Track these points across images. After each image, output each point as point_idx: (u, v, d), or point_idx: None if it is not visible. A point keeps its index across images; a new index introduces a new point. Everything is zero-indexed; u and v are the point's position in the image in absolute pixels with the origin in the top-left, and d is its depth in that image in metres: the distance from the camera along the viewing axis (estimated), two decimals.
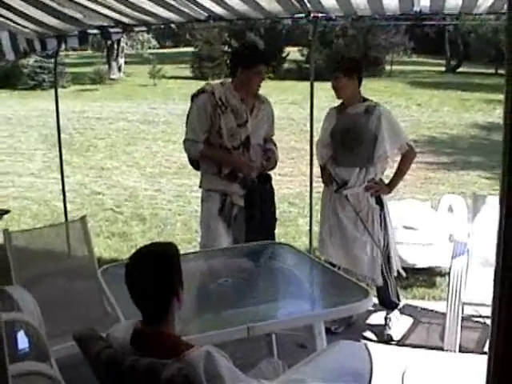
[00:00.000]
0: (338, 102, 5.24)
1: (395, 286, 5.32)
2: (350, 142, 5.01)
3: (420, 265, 6.43)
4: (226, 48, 34.96)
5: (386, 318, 5.33)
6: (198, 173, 5.19)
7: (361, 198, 5.07)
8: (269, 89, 22.69)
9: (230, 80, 5.04)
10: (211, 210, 5.02)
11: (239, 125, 4.89)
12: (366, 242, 5.06)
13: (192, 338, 2.82)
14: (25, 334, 4.05)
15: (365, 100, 5.14)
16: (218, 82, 5.21)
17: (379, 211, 5.10)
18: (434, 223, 6.66)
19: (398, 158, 5.19)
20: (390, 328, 5.25)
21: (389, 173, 5.28)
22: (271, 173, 5.25)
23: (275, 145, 5.28)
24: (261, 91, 5.19)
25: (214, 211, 4.99)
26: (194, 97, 5.03)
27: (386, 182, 5.20)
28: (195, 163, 5.18)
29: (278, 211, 5.54)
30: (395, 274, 5.26)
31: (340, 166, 5.11)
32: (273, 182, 5.28)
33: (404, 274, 5.42)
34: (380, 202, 5.12)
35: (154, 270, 2.50)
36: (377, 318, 5.43)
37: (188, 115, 5.05)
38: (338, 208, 5.13)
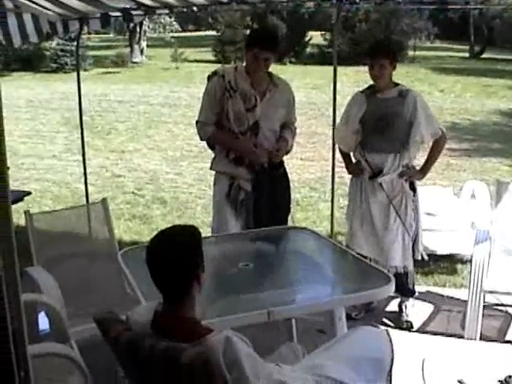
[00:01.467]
0: (360, 87, 5.18)
1: (414, 273, 5.28)
2: (384, 128, 4.91)
3: (441, 251, 6.39)
4: (247, 32, 34.83)
5: (400, 306, 5.32)
6: None
7: (395, 185, 5.00)
8: (291, 73, 22.66)
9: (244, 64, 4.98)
10: (220, 193, 4.99)
11: (248, 109, 4.81)
12: (398, 231, 5.01)
13: (212, 322, 2.82)
14: (45, 315, 4.07)
15: (396, 84, 5.06)
16: (232, 65, 5.15)
17: (412, 197, 5.05)
18: (456, 210, 6.61)
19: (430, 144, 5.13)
20: (407, 315, 5.24)
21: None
22: (289, 158, 5.19)
23: (293, 132, 5.15)
24: (283, 75, 5.14)
25: (223, 194, 4.96)
26: (208, 78, 5.02)
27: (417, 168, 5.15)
28: (211, 145, 5.16)
29: (299, 196, 5.53)
30: (419, 258, 5.23)
31: (373, 152, 5.00)
32: (293, 167, 5.23)
33: (426, 258, 5.37)
34: (413, 188, 5.06)
35: (175, 252, 2.49)
36: (397, 305, 5.40)
37: (202, 96, 5.03)
38: (370, 196, 5.05)
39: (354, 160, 5.24)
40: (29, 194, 7.08)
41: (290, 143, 5.08)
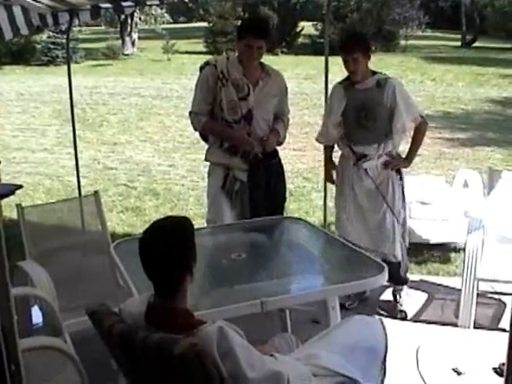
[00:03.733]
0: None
1: (407, 261, 5.28)
2: (365, 119, 4.88)
3: (435, 240, 6.40)
4: (239, 23, 34.74)
5: (394, 295, 5.32)
6: None
7: (380, 170, 4.98)
8: (283, 63, 22.64)
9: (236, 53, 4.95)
10: (215, 183, 4.97)
11: (240, 98, 4.78)
12: (385, 217, 4.99)
13: (205, 313, 2.81)
14: (38, 308, 4.07)
15: (374, 73, 4.98)
16: (224, 55, 5.09)
17: (399, 183, 5.03)
18: (449, 199, 6.62)
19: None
20: (401, 305, 5.23)
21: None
22: (281, 148, 5.19)
23: (285, 124, 5.13)
24: (275, 66, 5.12)
25: (218, 185, 4.93)
26: (200, 69, 4.97)
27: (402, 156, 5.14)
28: (204, 136, 5.13)
29: (292, 186, 5.51)
30: (407, 246, 5.23)
31: (357, 144, 4.98)
32: (286, 157, 5.22)
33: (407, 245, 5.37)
34: (399, 175, 5.06)
35: (168, 243, 2.49)
36: (391, 294, 5.41)
37: (195, 87, 5.01)
38: (356, 183, 5.04)
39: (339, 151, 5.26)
40: (20, 187, 7.06)
41: (282, 134, 5.07)
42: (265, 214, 4.79)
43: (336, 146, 5.31)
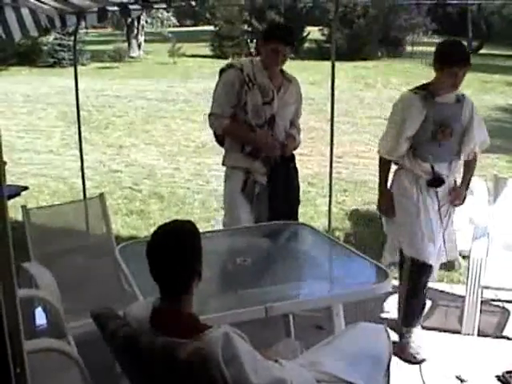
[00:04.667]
0: (357, 82, 5.11)
1: None
2: (442, 135, 4.48)
3: None
4: (246, 27, 34.82)
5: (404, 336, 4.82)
6: (217, 151, 5.15)
7: (446, 193, 4.68)
8: (289, 68, 22.58)
9: (259, 58, 4.93)
10: (234, 187, 4.95)
11: (265, 103, 4.79)
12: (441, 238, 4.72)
13: (210, 318, 2.81)
14: (42, 310, 4.07)
15: None
16: (247, 58, 5.10)
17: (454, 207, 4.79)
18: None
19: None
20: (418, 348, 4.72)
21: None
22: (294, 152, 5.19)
23: (298, 129, 5.17)
24: None
25: (237, 189, 4.92)
26: (222, 71, 4.94)
27: None
28: (220, 140, 5.13)
29: None
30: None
31: (428, 161, 4.52)
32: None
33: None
34: None
35: (176, 247, 2.49)
36: (395, 300, 5.39)
37: (215, 90, 4.95)
38: (428, 205, 4.59)
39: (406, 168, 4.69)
40: (26, 188, 7.06)
41: (298, 139, 5.13)
42: (282, 217, 4.79)
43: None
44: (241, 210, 4.92)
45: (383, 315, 5.28)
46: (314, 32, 35.18)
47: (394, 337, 3.62)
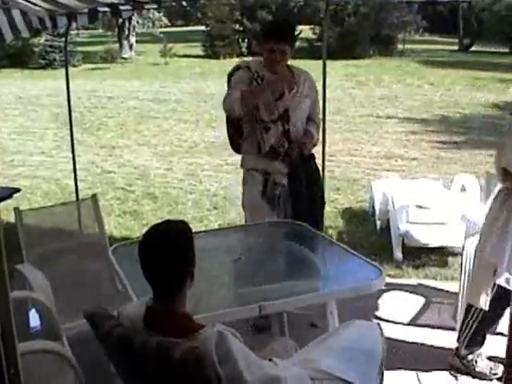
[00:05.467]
0: (349, 81, 5.08)
1: None
2: None
3: (432, 244, 6.41)
4: (237, 26, 34.81)
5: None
6: (208, 151, 5.15)
7: None
8: None
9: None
10: (253, 192, 4.86)
11: (277, 98, 4.72)
12: None
13: (204, 317, 2.81)
14: (36, 312, 4.06)
15: None
16: (254, 59, 5.05)
17: None
18: (446, 202, 6.63)
19: None
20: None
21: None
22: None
23: (318, 125, 5.06)
24: None
25: (256, 193, 4.82)
26: (230, 75, 4.91)
27: None
28: (235, 145, 5.07)
29: None
30: None
31: None
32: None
33: None
34: None
35: (167, 247, 2.49)
36: (389, 298, 5.41)
37: (227, 93, 4.82)
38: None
39: None
40: (18, 190, 7.05)
41: (316, 137, 5.02)
42: (307, 218, 4.72)
43: None
44: (263, 213, 4.83)
45: (377, 313, 5.29)
46: (305, 31, 35.15)
47: (390, 334, 3.64)
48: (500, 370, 4.36)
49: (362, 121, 15.25)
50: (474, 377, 4.41)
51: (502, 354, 2.91)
